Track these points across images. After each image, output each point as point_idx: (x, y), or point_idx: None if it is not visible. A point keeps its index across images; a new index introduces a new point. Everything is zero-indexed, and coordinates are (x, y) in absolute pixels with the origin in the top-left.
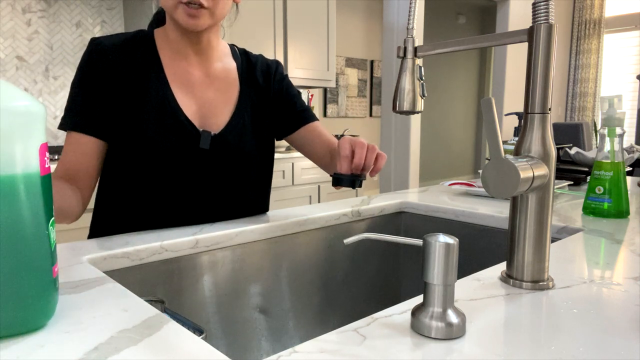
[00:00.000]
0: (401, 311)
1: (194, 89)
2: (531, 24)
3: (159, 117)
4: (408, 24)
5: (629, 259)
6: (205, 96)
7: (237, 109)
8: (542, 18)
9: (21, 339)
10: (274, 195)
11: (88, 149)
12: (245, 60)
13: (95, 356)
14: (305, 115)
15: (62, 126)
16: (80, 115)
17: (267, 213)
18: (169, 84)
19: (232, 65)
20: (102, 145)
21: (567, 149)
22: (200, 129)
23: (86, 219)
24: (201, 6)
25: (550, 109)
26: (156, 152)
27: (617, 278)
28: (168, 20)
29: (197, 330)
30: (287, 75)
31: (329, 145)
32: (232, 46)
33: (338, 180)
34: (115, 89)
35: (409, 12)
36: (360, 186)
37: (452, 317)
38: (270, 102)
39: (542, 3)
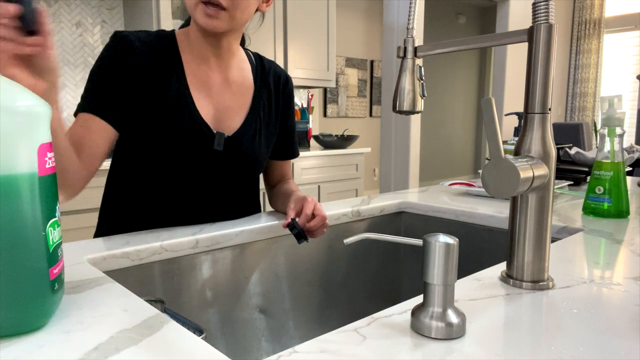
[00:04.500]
0: (401, 311)
1: (212, 92)
2: (531, 24)
3: (176, 117)
4: (408, 24)
5: (629, 259)
6: (222, 100)
7: (250, 112)
8: (542, 18)
9: (21, 339)
10: None
11: (95, 127)
12: (260, 64)
13: (95, 356)
14: (291, 151)
15: (75, 112)
16: (93, 99)
17: (267, 213)
18: (188, 86)
19: (248, 70)
20: (110, 130)
21: (567, 149)
22: (215, 131)
23: (92, 218)
24: (220, 7)
25: (550, 109)
26: (170, 150)
27: (617, 278)
28: (192, 21)
29: (197, 330)
30: (294, 96)
31: (282, 177)
32: (246, 50)
33: (292, 227)
34: (136, 83)
35: (409, 12)
36: (299, 241)
37: (452, 317)
38: (279, 117)
39: (542, 3)
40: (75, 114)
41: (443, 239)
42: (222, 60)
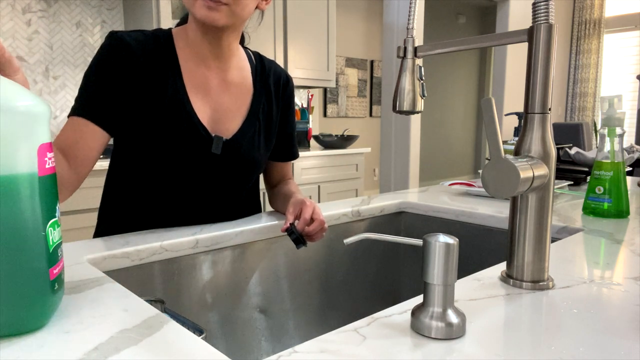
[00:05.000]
0: (401, 311)
1: (210, 94)
2: (531, 24)
3: (173, 120)
4: (408, 24)
5: (629, 259)
6: (220, 101)
7: (249, 115)
8: (542, 18)
9: (21, 339)
10: None
11: (88, 131)
12: (260, 65)
13: (95, 356)
14: (292, 152)
15: (69, 114)
16: (85, 102)
17: (267, 213)
18: (185, 88)
19: (247, 70)
20: (103, 135)
21: (567, 149)
22: (213, 134)
23: (92, 218)
24: (220, 1)
25: (550, 109)
26: (168, 153)
27: (617, 278)
28: (189, 19)
29: (197, 330)
30: (294, 97)
31: (283, 177)
32: (245, 49)
33: (290, 232)
34: (131, 85)
35: (409, 12)
36: (298, 246)
37: (452, 317)
38: (278, 117)
39: (542, 3)
40: (69, 116)
41: (443, 239)
42: (221, 60)
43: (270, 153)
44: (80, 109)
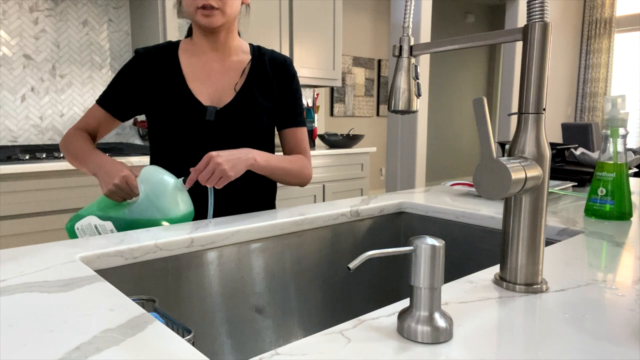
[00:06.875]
0: (389, 313)
1: (211, 78)
2: (526, 22)
3: (175, 101)
4: (404, 22)
5: (628, 263)
6: (220, 82)
7: (242, 88)
8: (537, 16)
9: (3, 337)
10: (278, 194)
11: (96, 115)
12: (258, 52)
13: (75, 356)
14: (293, 118)
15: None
16: (103, 95)
17: (264, 212)
18: (183, 76)
19: (246, 57)
20: (108, 117)
21: (572, 150)
22: (207, 105)
23: None
24: (212, 8)
25: (544, 109)
26: (175, 126)
27: (613, 282)
28: (193, 27)
29: (186, 330)
30: (296, 74)
31: (294, 149)
32: (250, 45)
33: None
34: (142, 84)
35: (405, 10)
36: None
37: (439, 321)
38: (276, 91)
39: (537, 1)
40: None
41: (429, 241)
42: (219, 51)
43: (277, 122)
44: (99, 99)
